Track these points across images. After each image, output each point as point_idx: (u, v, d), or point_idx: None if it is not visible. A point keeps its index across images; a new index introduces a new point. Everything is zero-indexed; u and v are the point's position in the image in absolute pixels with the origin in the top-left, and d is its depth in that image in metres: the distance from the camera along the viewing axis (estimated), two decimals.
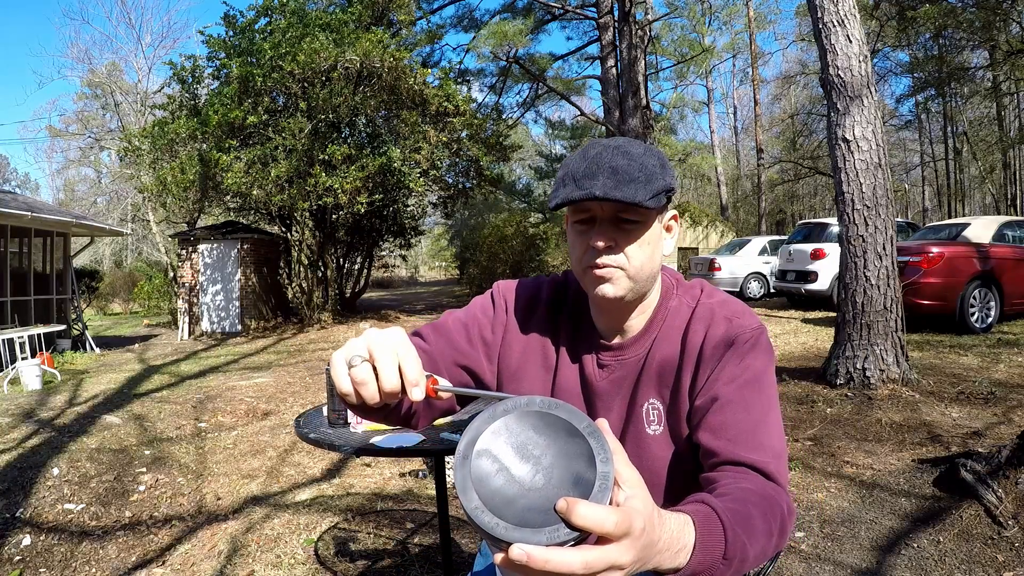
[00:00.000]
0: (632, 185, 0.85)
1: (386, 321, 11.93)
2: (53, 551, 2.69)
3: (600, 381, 0.98)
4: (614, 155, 0.88)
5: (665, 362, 0.95)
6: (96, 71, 25.14)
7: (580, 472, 0.54)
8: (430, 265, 38.46)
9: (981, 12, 13.80)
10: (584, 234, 0.90)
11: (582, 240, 0.91)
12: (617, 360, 0.98)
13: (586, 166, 0.87)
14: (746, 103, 31.39)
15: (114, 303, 20.26)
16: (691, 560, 0.64)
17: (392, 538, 2.73)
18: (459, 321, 1.03)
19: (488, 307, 1.05)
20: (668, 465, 0.94)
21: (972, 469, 2.71)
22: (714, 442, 0.85)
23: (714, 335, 0.92)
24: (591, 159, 0.88)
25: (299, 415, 1.87)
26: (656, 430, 0.94)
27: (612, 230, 0.88)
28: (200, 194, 11.08)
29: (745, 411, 0.86)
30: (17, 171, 40.51)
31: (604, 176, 0.85)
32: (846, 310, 4.64)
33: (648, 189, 0.85)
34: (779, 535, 0.76)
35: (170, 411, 5.14)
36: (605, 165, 0.86)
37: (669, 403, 0.94)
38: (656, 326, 0.97)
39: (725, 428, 0.86)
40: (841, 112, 4.56)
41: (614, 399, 0.97)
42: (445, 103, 11.08)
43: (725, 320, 0.93)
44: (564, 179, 0.90)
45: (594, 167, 0.87)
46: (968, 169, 22.21)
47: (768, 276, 12.49)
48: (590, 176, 0.86)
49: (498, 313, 1.04)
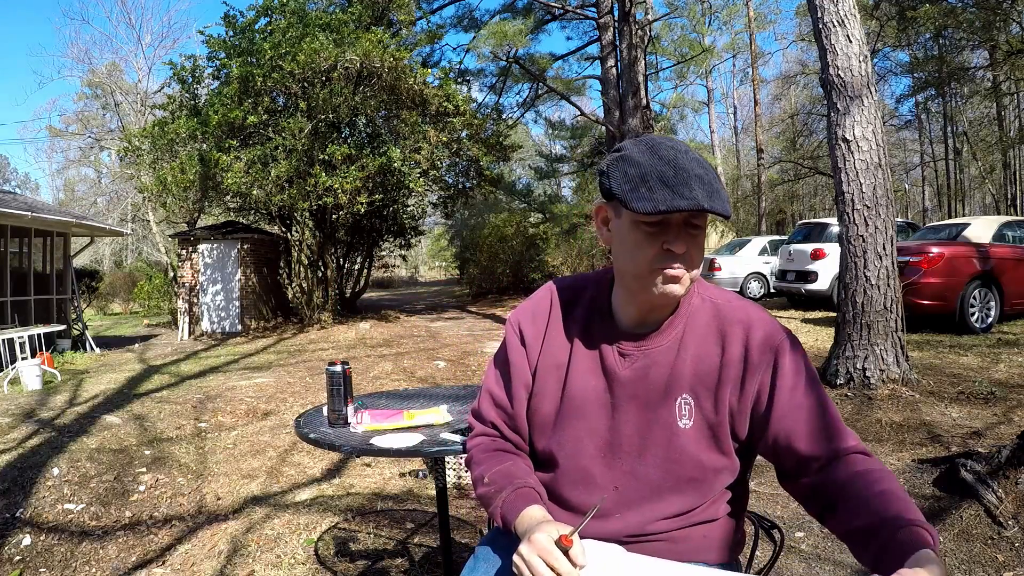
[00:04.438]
0: (719, 196, 0.89)
1: (386, 321, 11.93)
2: (53, 551, 2.69)
3: (623, 370, 1.01)
4: (691, 163, 0.90)
5: (701, 361, 0.99)
6: (96, 71, 25.16)
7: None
8: (430, 265, 38.46)
9: (981, 12, 13.79)
10: (654, 236, 0.92)
11: (652, 242, 0.92)
12: (640, 350, 1.01)
13: (673, 171, 0.88)
14: (746, 103, 31.43)
15: (114, 303, 20.25)
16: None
17: (392, 538, 2.73)
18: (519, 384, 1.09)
19: (516, 345, 1.10)
20: (695, 458, 0.98)
21: (972, 469, 2.71)
22: (815, 446, 0.93)
23: (756, 339, 0.97)
24: (672, 163, 0.90)
25: (299, 415, 1.87)
26: (687, 424, 0.98)
27: (684, 235, 0.92)
28: (200, 194, 11.08)
29: (822, 408, 0.94)
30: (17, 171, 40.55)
31: (697, 185, 0.87)
32: (846, 310, 4.64)
33: (725, 198, 0.90)
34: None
35: (170, 411, 5.14)
36: (692, 173, 0.88)
37: (705, 401, 0.98)
38: (680, 320, 1.01)
39: (816, 432, 0.93)
40: (841, 112, 4.56)
41: (638, 387, 1.00)
42: (445, 103, 11.08)
43: (760, 322, 0.99)
44: (648, 181, 0.89)
45: (684, 175, 0.88)
46: (968, 169, 22.19)
47: (768, 276, 12.49)
48: (684, 184, 0.87)
49: (526, 344, 1.09)
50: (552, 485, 1.06)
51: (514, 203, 20.14)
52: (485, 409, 1.13)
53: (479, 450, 1.11)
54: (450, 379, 6.27)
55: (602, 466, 1.01)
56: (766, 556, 1.27)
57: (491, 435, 1.13)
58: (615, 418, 1.01)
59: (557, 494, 1.05)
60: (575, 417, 1.03)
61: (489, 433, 1.13)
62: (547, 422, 1.06)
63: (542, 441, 1.07)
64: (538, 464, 1.10)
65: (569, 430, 1.04)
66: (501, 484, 1.00)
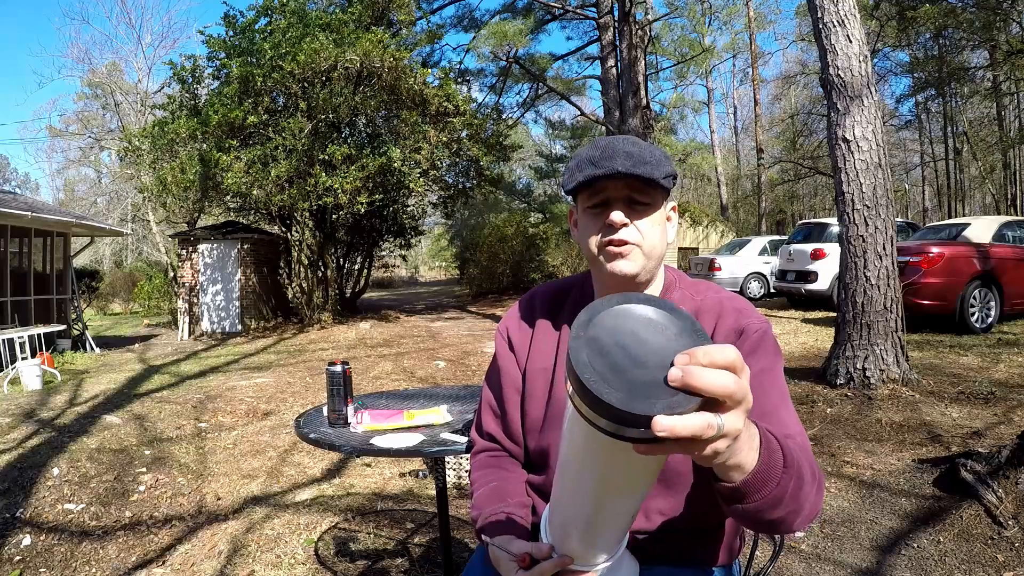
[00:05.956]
0: (648, 165, 0.92)
1: (386, 321, 11.93)
2: (53, 551, 2.69)
3: None
4: (624, 143, 0.94)
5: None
6: (96, 71, 25.19)
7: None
8: (430, 265, 38.44)
9: (981, 12, 13.80)
10: (598, 216, 0.96)
11: (596, 221, 0.96)
12: None
13: (600, 152, 0.94)
14: (746, 103, 31.44)
15: (114, 303, 20.25)
16: (759, 459, 0.62)
17: (392, 538, 2.73)
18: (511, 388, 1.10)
19: (505, 351, 1.12)
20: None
21: (972, 469, 2.71)
22: None
23: (724, 326, 0.96)
24: (603, 147, 0.95)
25: (299, 415, 1.87)
26: None
27: (626, 209, 0.94)
28: (200, 194, 11.08)
29: (763, 395, 0.87)
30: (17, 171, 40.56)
31: (621, 158, 0.92)
32: (846, 310, 4.64)
33: (661, 170, 0.93)
34: (817, 490, 0.75)
35: (170, 411, 5.14)
36: (620, 150, 0.93)
37: None
38: None
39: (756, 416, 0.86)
40: (841, 112, 4.56)
41: None
42: (445, 103, 11.08)
43: (735, 312, 0.98)
44: (579, 165, 0.95)
45: (610, 151, 0.93)
46: (968, 169, 22.19)
47: (768, 276, 12.49)
48: (608, 158, 0.92)
49: (514, 349, 1.12)
50: (545, 485, 1.06)
51: (514, 203, 20.17)
52: (484, 422, 1.15)
53: (475, 468, 1.14)
54: (450, 379, 6.27)
55: None
56: (766, 556, 1.27)
57: (489, 449, 1.15)
58: None
59: (550, 494, 1.05)
60: (562, 418, 1.03)
61: (487, 448, 1.15)
62: (536, 424, 1.07)
63: (533, 442, 1.09)
64: (533, 466, 1.11)
65: (557, 431, 1.04)
66: (480, 508, 1.03)
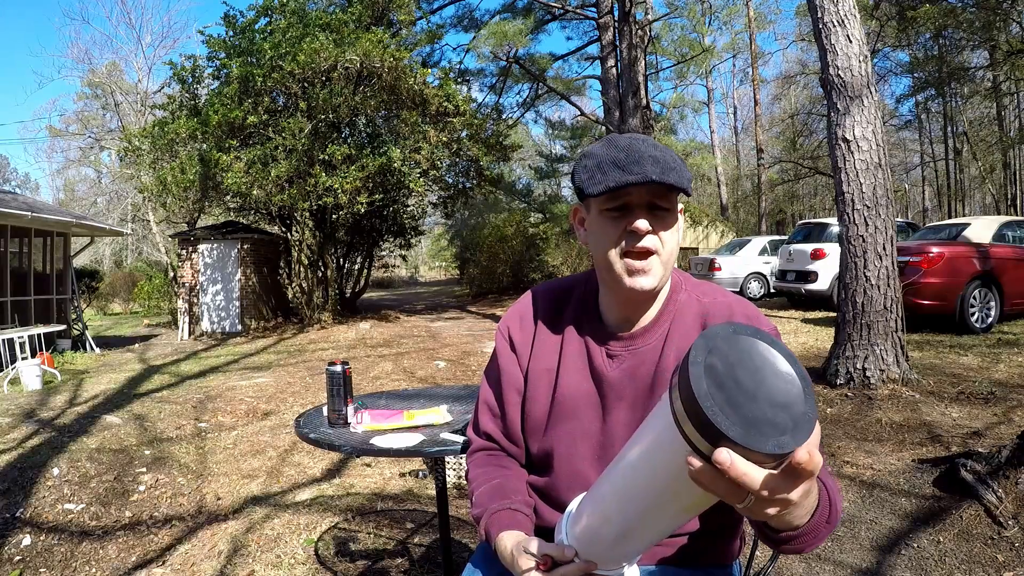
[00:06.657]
0: (675, 172, 0.88)
1: (386, 321, 11.93)
2: (53, 551, 2.69)
3: (611, 371, 1.00)
4: (646, 146, 0.91)
5: (683, 355, 0.96)
6: (96, 71, 25.20)
7: (791, 400, 0.54)
8: (430, 265, 38.46)
9: (981, 12, 13.80)
10: (617, 220, 0.92)
11: (615, 226, 0.92)
12: (628, 350, 0.99)
13: (626, 155, 0.90)
14: (746, 103, 31.45)
15: (114, 303, 20.25)
16: (811, 519, 0.66)
17: (392, 538, 2.73)
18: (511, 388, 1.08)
19: (507, 351, 1.10)
20: None
21: (972, 469, 2.71)
22: None
23: None
24: (626, 148, 0.91)
25: (299, 415, 1.87)
26: None
27: (648, 216, 0.91)
28: (200, 194, 11.08)
29: None
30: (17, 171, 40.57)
31: (649, 163, 0.88)
32: (846, 310, 4.64)
33: (685, 176, 0.90)
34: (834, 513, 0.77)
35: (170, 411, 5.14)
36: (645, 154, 0.89)
37: None
38: (667, 317, 1.00)
39: None
40: (841, 112, 4.56)
41: (626, 388, 0.99)
42: (445, 103, 11.08)
43: (744, 317, 0.96)
44: (602, 167, 0.91)
45: (635, 155, 0.89)
46: (968, 169, 22.19)
47: (768, 276, 12.48)
48: (636, 163, 0.88)
49: (516, 349, 1.09)
50: (547, 488, 1.05)
51: (514, 203, 20.15)
52: (482, 421, 1.13)
53: (473, 466, 1.12)
54: (450, 379, 6.27)
55: (596, 468, 1.00)
56: (766, 556, 1.27)
57: (487, 448, 1.13)
58: (607, 420, 1.00)
59: (553, 497, 1.05)
60: (566, 419, 1.02)
61: (485, 447, 1.13)
62: (539, 426, 1.05)
63: (535, 444, 1.07)
64: (535, 467, 1.09)
65: (561, 433, 1.03)
66: (484, 505, 1.00)
